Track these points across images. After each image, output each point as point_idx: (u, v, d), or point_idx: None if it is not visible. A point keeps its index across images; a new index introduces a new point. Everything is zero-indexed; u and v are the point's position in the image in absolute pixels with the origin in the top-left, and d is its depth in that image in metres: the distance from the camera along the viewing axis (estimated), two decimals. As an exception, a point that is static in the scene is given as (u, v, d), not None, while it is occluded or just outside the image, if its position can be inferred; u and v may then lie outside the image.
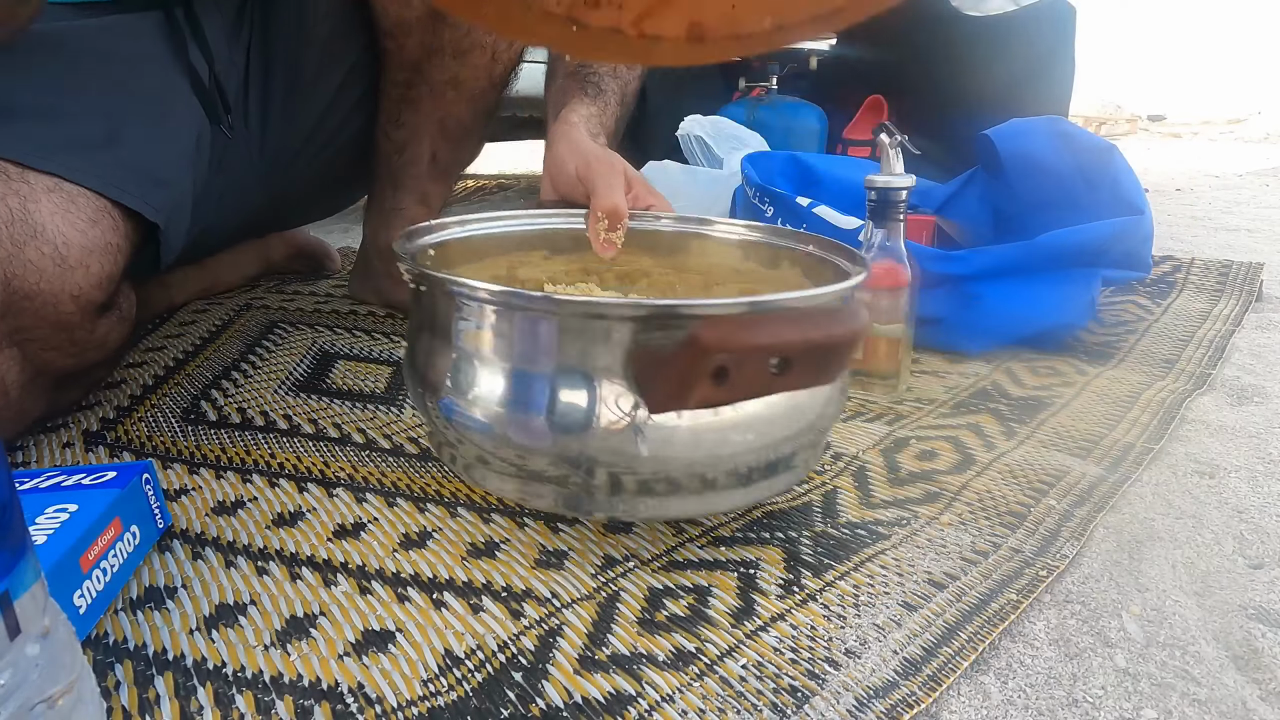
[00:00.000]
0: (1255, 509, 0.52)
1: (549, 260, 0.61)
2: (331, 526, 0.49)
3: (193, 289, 0.99)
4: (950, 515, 0.50)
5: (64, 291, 0.51)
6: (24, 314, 0.50)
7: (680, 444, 0.39)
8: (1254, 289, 1.00)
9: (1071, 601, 0.42)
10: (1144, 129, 3.50)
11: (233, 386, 0.71)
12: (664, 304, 0.43)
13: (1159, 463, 0.57)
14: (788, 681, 0.36)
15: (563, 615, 0.41)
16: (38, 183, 0.52)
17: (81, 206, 0.53)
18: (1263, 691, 0.36)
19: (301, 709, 0.35)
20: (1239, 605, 0.42)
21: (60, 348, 0.54)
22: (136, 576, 0.44)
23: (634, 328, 0.38)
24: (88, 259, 0.52)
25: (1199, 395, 0.69)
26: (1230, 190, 1.91)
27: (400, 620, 0.41)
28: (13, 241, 0.49)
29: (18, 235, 0.49)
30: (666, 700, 0.35)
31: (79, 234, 0.52)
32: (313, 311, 0.93)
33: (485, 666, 0.37)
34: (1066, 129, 0.84)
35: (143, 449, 0.60)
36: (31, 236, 0.50)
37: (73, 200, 0.53)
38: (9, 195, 0.50)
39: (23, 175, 0.51)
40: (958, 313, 0.77)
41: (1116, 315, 0.91)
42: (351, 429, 0.63)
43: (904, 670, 0.37)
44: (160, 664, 0.38)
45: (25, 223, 0.50)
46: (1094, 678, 0.37)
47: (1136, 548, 0.47)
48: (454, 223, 0.57)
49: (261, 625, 0.40)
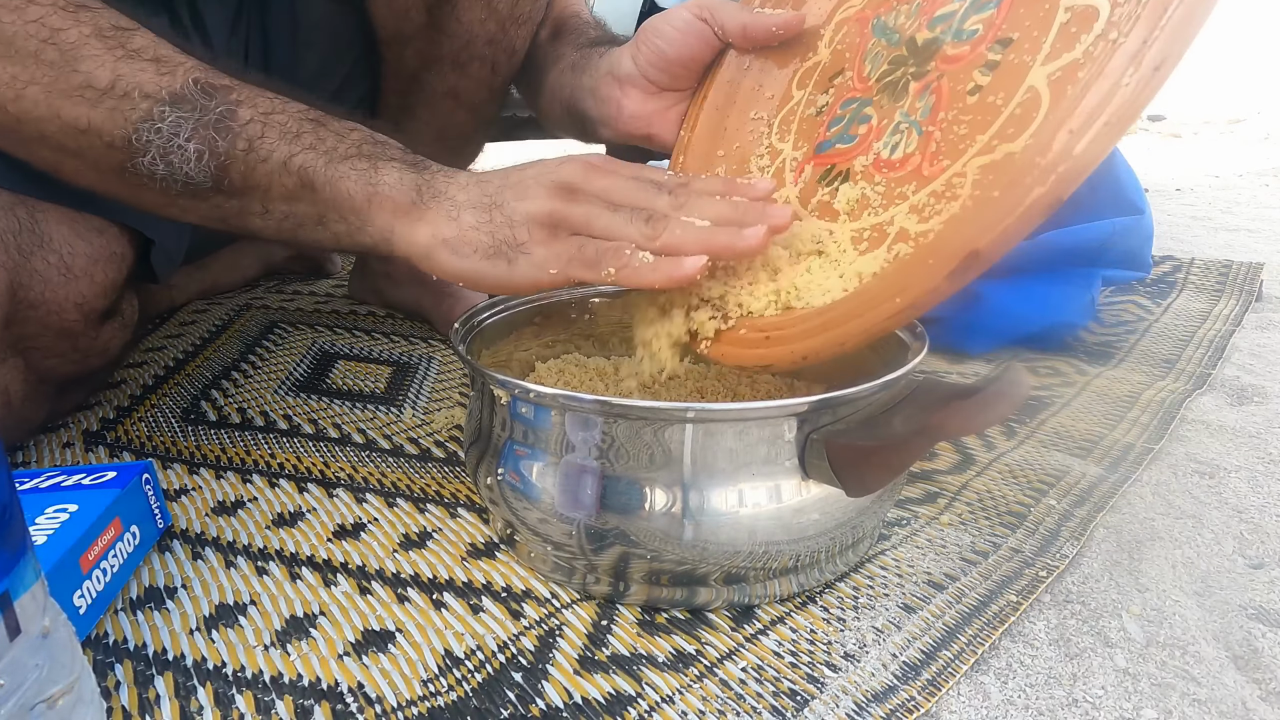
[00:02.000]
0: (1255, 509, 0.51)
1: (538, 338, 0.59)
2: (331, 527, 0.49)
3: (193, 289, 0.99)
4: (950, 515, 0.50)
5: (69, 300, 0.51)
6: (29, 323, 0.50)
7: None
8: (1254, 289, 1.00)
9: (1071, 601, 0.42)
10: (1144, 129, 3.49)
11: (233, 386, 0.71)
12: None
13: (1159, 463, 0.57)
14: (787, 685, 0.36)
15: (563, 615, 0.41)
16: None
17: (88, 215, 0.53)
18: (1263, 691, 0.36)
19: (301, 709, 0.35)
20: (1239, 605, 0.42)
21: (63, 355, 0.54)
22: (136, 576, 0.44)
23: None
24: (93, 268, 0.52)
25: (1199, 395, 0.69)
26: (1230, 190, 1.91)
27: (400, 620, 0.41)
28: (20, 251, 0.49)
29: (25, 245, 0.49)
30: (666, 701, 0.35)
31: (85, 243, 0.52)
32: (313, 311, 0.93)
33: (485, 667, 0.37)
34: (1067, 129, 0.83)
35: (143, 449, 0.60)
36: (38, 246, 0.50)
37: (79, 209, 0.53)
38: (18, 205, 0.50)
39: None
40: (958, 313, 0.77)
41: (1116, 315, 0.91)
42: (351, 429, 0.63)
43: (903, 674, 0.37)
44: (160, 664, 0.38)
45: (33, 232, 0.50)
46: (1094, 678, 0.37)
47: (1136, 548, 0.47)
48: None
49: (261, 625, 0.40)
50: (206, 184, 0.44)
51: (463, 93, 0.74)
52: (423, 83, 0.73)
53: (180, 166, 0.43)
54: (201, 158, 0.43)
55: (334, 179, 0.44)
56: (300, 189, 0.44)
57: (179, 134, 0.42)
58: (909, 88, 0.43)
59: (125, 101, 0.42)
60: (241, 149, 0.43)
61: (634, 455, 0.38)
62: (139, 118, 0.42)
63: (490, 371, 0.41)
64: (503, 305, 0.55)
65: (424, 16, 0.68)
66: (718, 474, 0.38)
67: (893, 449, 0.35)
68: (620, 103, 0.58)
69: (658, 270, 0.40)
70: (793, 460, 0.38)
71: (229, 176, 0.44)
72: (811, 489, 0.39)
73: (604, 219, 0.43)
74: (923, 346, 0.43)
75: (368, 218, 0.45)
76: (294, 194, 0.45)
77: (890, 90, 0.44)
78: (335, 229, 0.46)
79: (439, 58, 0.71)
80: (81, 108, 0.42)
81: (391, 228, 0.44)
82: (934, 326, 0.77)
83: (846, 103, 0.47)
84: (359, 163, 0.45)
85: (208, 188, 0.44)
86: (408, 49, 0.71)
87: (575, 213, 0.43)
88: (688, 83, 0.57)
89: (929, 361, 0.78)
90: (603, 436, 0.39)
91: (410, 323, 0.89)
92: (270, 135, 0.44)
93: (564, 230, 0.43)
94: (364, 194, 0.44)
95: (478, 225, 0.43)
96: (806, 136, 0.50)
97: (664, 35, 0.55)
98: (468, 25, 0.67)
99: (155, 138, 0.42)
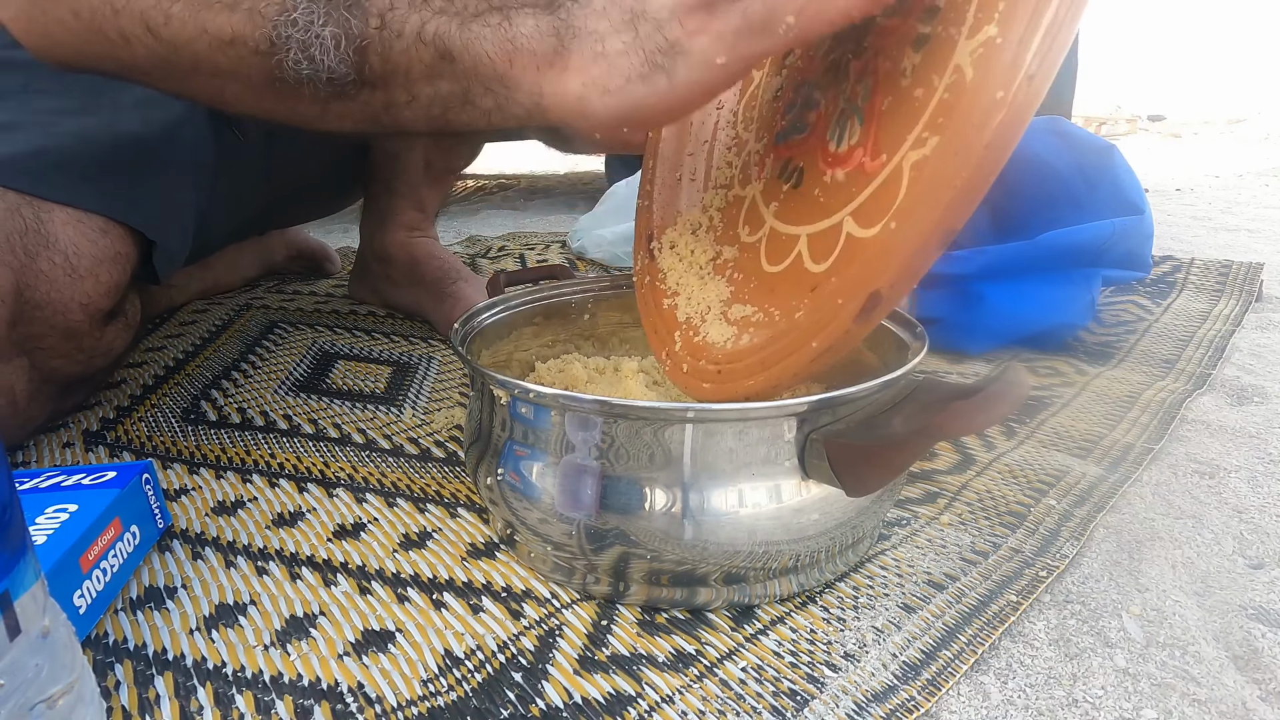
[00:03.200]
0: (1255, 509, 0.51)
1: (537, 337, 0.59)
2: (331, 526, 0.49)
3: (193, 289, 0.99)
4: (950, 515, 0.50)
5: (73, 300, 0.51)
6: (34, 323, 0.50)
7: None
8: (1254, 289, 1.00)
9: (1071, 601, 0.42)
10: (1144, 129, 3.49)
11: (233, 386, 0.71)
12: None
13: (1159, 463, 0.57)
14: (787, 685, 0.36)
15: (562, 615, 0.41)
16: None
17: (93, 215, 0.53)
18: (1263, 691, 0.36)
19: (301, 709, 0.35)
20: (1239, 605, 0.42)
21: (67, 355, 0.54)
22: (136, 576, 0.44)
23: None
24: (98, 268, 0.53)
25: (1199, 395, 0.69)
26: (1230, 190, 1.90)
27: (400, 620, 0.41)
28: (26, 252, 0.49)
29: (31, 246, 0.49)
30: (666, 701, 0.35)
31: (90, 244, 0.52)
32: (313, 311, 0.93)
33: (485, 667, 0.37)
34: (1066, 129, 0.83)
35: (143, 449, 0.60)
36: (44, 247, 0.50)
37: (84, 209, 0.53)
38: (24, 205, 0.50)
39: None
40: (958, 313, 0.77)
41: (1116, 315, 0.91)
42: (351, 429, 0.63)
43: (903, 674, 0.37)
44: (160, 664, 0.38)
45: (38, 233, 0.50)
46: (1094, 678, 0.37)
47: (1136, 548, 0.47)
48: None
49: (261, 625, 0.40)
50: (350, 76, 0.41)
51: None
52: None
53: (321, 60, 0.40)
54: (339, 44, 0.40)
55: (470, 42, 0.39)
56: (439, 61, 0.40)
57: (314, 21, 0.40)
58: (850, 68, 0.39)
59: (259, 1, 0.41)
60: (375, 26, 0.40)
61: (634, 455, 0.38)
62: (275, 12, 0.40)
63: (490, 371, 0.41)
64: (502, 305, 0.55)
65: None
66: (718, 474, 0.38)
67: (893, 449, 0.35)
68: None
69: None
70: (793, 460, 0.38)
71: (368, 61, 0.41)
72: (811, 489, 0.39)
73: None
74: (923, 346, 0.43)
75: (513, 82, 0.39)
76: (434, 69, 0.40)
77: (833, 71, 0.40)
78: (484, 104, 0.41)
79: None
80: (222, 16, 0.41)
81: (540, 88, 0.39)
82: (934, 326, 0.78)
83: (799, 86, 0.43)
84: (492, 17, 0.40)
85: (351, 80, 0.41)
86: None
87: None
88: None
89: (929, 361, 0.78)
90: (602, 436, 0.39)
91: (410, 323, 0.89)
92: (399, 5, 0.40)
93: (720, 5, 0.36)
94: (503, 53, 0.39)
95: (625, 48, 0.37)
96: (766, 126, 0.46)
97: None
98: None
99: (294, 30, 0.40)
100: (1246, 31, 4.36)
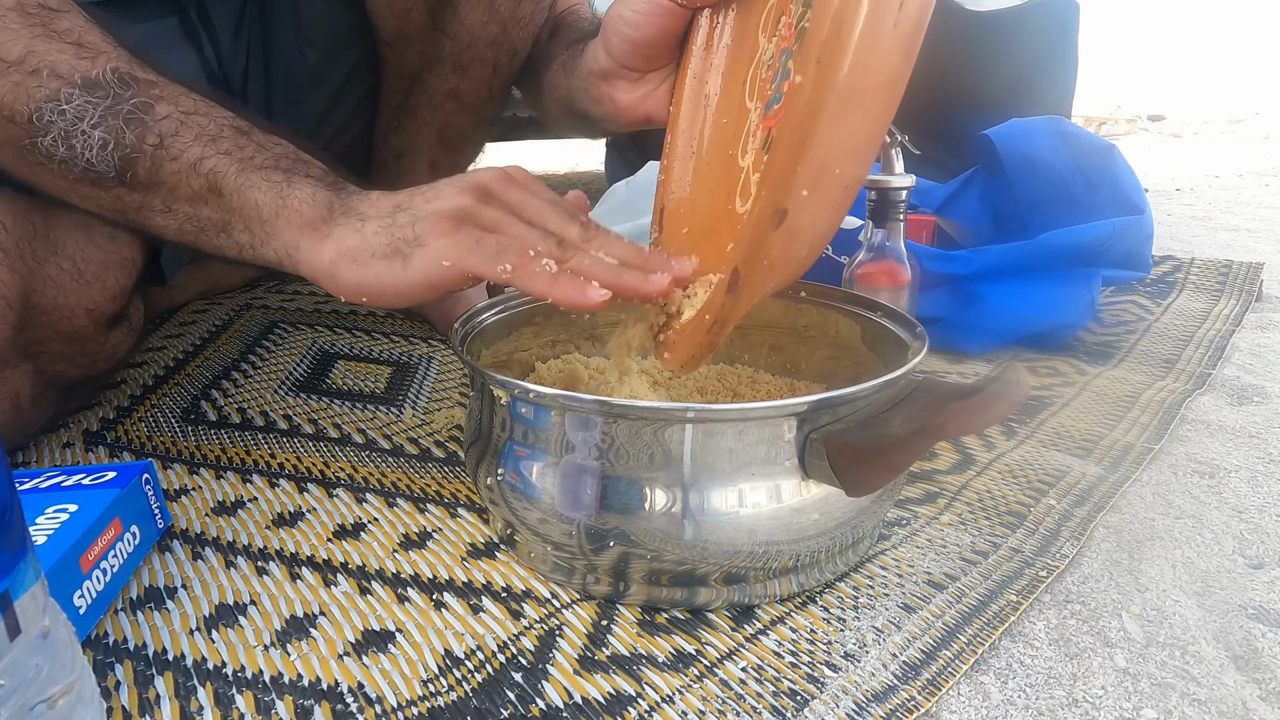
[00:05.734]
0: (1255, 509, 0.51)
1: (536, 338, 0.59)
2: (331, 527, 0.49)
3: (193, 289, 0.99)
4: (950, 515, 0.50)
5: (80, 305, 0.51)
6: (40, 328, 0.50)
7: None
8: (1254, 289, 1.00)
9: (1071, 601, 0.42)
10: (1144, 129, 3.49)
11: (233, 386, 0.71)
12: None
13: (1159, 463, 0.57)
14: (787, 685, 0.36)
15: (563, 615, 0.41)
16: None
17: (101, 221, 0.53)
18: (1263, 691, 0.36)
19: (301, 709, 0.35)
20: (1239, 605, 0.42)
21: (71, 359, 0.54)
22: (136, 576, 0.44)
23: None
24: (104, 274, 0.52)
25: (1199, 395, 0.69)
26: (1230, 190, 1.90)
27: (400, 620, 0.41)
28: (34, 257, 0.49)
29: (39, 251, 0.49)
30: (666, 701, 0.35)
31: (97, 249, 0.52)
32: (313, 311, 0.93)
33: (485, 667, 0.37)
34: (1067, 129, 0.83)
35: (143, 449, 0.60)
36: (51, 252, 0.50)
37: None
38: (32, 211, 0.49)
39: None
40: (958, 313, 0.77)
41: (1116, 315, 0.91)
42: (351, 429, 0.63)
43: (903, 674, 0.37)
44: (160, 664, 0.38)
45: (46, 238, 0.50)
46: (1094, 678, 0.37)
47: (1136, 548, 0.47)
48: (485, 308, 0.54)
49: (261, 625, 0.40)
50: (109, 174, 0.42)
51: (464, 94, 0.74)
52: (424, 83, 0.73)
53: (82, 152, 0.42)
54: (106, 146, 0.42)
55: (243, 187, 0.43)
56: (207, 192, 0.43)
57: (84, 119, 0.41)
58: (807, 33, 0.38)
59: (33, 78, 0.41)
60: (151, 144, 0.42)
61: (634, 455, 0.38)
62: (44, 97, 0.41)
63: (490, 372, 0.41)
64: (502, 305, 0.55)
65: (425, 18, 0.68)
66: (718, 474, 0.38)
67: (893, 449, 0.35)
68: (612, 98, 0.57)
69: (558, 283, 0.39)
70: (793, 460, 0.38)
71: (134, 170, 0.42)
72: (811, 489, 0.39)
73: (515, 227, 0.42)
74: (923, 346, 0.43)
75: (273, 231, 0.43)
76: (200, 196, 0.43)
77: (800, 38, 0.39)
78: (239, 238, 0.44)
79: (440, 59, 0.71)
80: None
81: (297, 244, 0.42)
82: (934, 326, 0.78)
83: (782, 53, 0.42)
84: (274, 174, 0.43)
85: (110, 178, 0.43)
86: (409, 50, 0.71)
87: (485, 213, 0.42)
88: (668, 58, 0.54)
89: (929, 361, 0.78)
90: (602, 437, 0.39)
91: (410, 323, 0.89)
92: (185, 134, 0.43)
93: (469, 225, 0.41)
94: (272, 206, 0.43)
95: (379, 230, 0.41)
96: (762, 95, 0.46)
97: (629, 21, 0.52)
98: (470, 27, 0.67)
99: (59, 119, 0.41)
100: (1246, 31, 4.36)
